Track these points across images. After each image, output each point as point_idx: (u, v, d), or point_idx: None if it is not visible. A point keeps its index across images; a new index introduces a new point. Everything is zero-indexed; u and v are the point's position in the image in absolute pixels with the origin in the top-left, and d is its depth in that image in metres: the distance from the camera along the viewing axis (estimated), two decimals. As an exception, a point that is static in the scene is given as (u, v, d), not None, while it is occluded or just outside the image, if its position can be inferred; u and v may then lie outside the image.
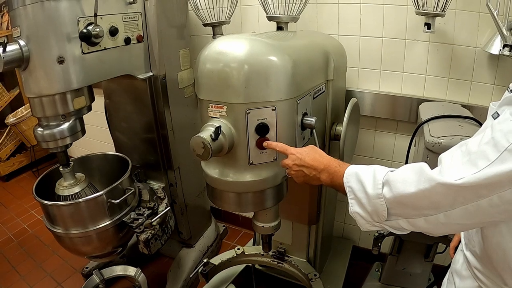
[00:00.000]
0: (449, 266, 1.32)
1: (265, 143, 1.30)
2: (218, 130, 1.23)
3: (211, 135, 1.22)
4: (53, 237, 1.95)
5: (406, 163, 1.87)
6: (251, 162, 1.33)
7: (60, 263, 2.87)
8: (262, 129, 1.28)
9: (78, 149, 3.67)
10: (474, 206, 0.83)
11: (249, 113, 1.26)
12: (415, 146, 1.90)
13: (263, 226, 1.58)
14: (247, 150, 1.31)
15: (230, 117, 1.28)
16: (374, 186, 1.01)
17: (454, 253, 1.33)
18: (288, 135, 1.36)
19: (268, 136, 1.31)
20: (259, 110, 1.27)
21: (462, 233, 1.21)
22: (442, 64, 1.98)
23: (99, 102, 2.15)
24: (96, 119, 2.58)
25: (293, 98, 1.33)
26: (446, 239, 1.89)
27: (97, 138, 3.45)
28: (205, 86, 1.31)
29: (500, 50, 1.68)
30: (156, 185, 2.28)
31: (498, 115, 0.87)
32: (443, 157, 0.92)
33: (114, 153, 2.22)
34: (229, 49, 1.26)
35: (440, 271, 2.26)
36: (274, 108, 1.27)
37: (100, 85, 2.16)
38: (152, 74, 2.03)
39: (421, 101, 1.99)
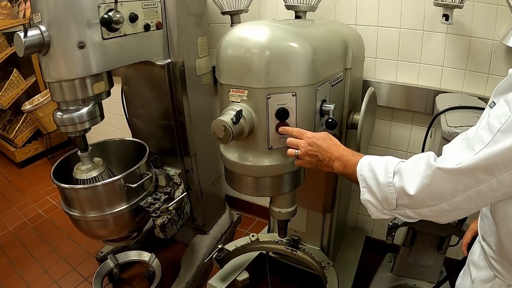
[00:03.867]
0: (462, 260, 1.34)
1: (281, 129, 1.32)
2: (239, 113, 1.25)
3: (232, 119, 1.23)
4: (68, 222, 1.97)
5: (422, 154, 1.87)
6: (270, 146, 1.34)
7: (74, 247, 2.90)
8: (282, 114, 1.29)
9: (94, 136, 3.67)
10: (475, 192, 0.86)
11: (269, 98, 1.27)
12: (431, 137, 1.90)
13: (279, 212, 1.59)
14: (267, 135, 1.32)
15: (251, 101, 1.29)
16: (385, 174, 1.05)
17: (467, 249, 1.35)
18: (307, 120, 1.37)
19: (288, 121, 1.32)
20: (280, 95, 1.28)
21: (478, 225, 1.21)
22: (459, 56, 1.97)
23: (115, 90, 2.14)
24: (112, 106, 2.58)
25: (313, 84, 1.34)
26: (459, 232, 1.89)
27: (113, 126, 3.47)
28: (226, 71, 1.32)
29: (518, 43, 1.68)
30: (172, 171, 2.29)
31: (495, 104, 0.90)
32: (445, 146, 0.95)
33: (132, 138, 2.24)
34: (250, 35, 1.28)
35: (453, 265, 2.27)
36: (294, 93, 1.29)
37: (118, 72, 2.18)
38: (170, 61, 2.04)
39: (437, 92, 1.98)
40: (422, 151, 1.88)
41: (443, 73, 2.03)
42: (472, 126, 1.47)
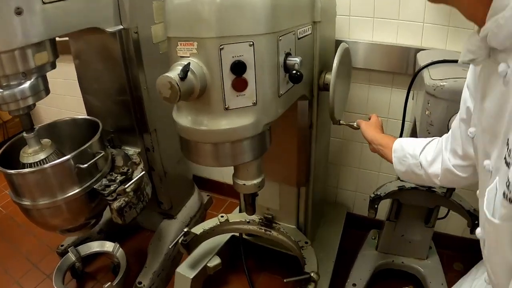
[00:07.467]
0: None
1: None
2: (186, 67, 1.07)
3: (179, 74, 1.06)
4: (28, 217, 1.80)
5: (403, 118, 1.73)
6: (227, 106, 1.16)
7: (35, 243, 2.72)
8: (238, 67, 1.12)
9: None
10: None
11: (222, 49, 1.10)
12: (413, 99, 1.77)
13: (244, 184, 1.41)
14: (222, 93, 1.14)
15: (202, 55, 1.12)
16: None
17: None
18: (269, 76, 1.19)
19: (246, 76, 1.14)
20: (234, 45, 1.10)
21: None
22: (441, 11, 1.81)
23: (71, 70, 2.04)
24: (68, 88, 2.42)
25: (274, 33, 1.16)
26: (448, 202, 1.77)
27: (71, 109, 3.24)
28: (172, 22, 1.15)
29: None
30: (131, 150, 2.11)
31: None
32: None
33: (84, 117, 2.05)
34: (198, -24, 1.10)
35: (441, 239, 2.16)
36: (251, 43, 1.11)
37: (69, 48, 2.02)
38: (122, 27, 1.84)
39: (418, 51, 1.83)
40: (404, 114, 1.73)
41: (424, 30, 1.88)
42: (459, 78, 1.35)
